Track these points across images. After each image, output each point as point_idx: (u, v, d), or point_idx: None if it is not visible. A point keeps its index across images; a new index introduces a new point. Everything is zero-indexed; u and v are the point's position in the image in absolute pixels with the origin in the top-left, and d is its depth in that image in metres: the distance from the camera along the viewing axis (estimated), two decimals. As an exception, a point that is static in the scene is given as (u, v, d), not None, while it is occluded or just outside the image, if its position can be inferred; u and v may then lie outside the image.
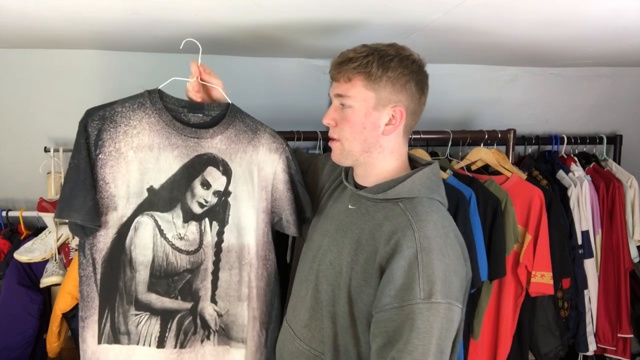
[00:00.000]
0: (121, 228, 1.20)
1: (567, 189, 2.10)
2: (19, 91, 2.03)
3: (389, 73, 1.08)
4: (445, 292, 0.97)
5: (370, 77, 1.08)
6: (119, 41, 1.79)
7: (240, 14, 1.36)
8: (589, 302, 2.15)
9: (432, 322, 0.95)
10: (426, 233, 1.01)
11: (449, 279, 0.99)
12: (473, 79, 2.31)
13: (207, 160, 1.24)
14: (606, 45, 1.78)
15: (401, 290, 0.97)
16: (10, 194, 2.17)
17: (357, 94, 1.09)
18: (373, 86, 1.08)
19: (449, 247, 1.03)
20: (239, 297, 1.29)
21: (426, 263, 0.98)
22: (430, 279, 0.97)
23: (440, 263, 0.99)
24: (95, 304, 1.21)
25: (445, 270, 0.99)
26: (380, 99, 1.09)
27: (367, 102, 1.09)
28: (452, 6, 1.28)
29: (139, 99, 1.22)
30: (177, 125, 1.21)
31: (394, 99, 1.09)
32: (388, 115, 1.11)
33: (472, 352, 1.90)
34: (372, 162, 1.15)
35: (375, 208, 1.12)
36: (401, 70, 1.08)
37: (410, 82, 1.10)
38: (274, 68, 2.14)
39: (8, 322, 1.94)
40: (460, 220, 1.69)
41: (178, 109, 1.25)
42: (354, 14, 1.37)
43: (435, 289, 0.96)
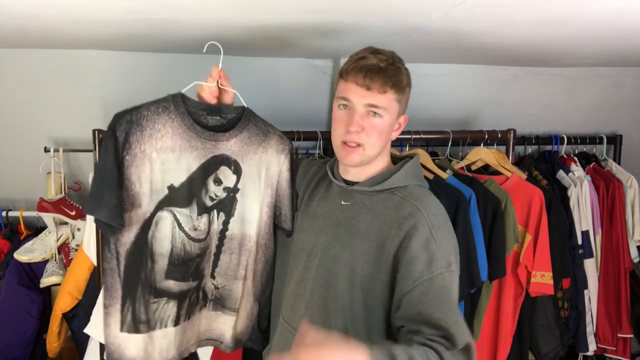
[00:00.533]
0: (144, 223, 1.29)
1: (567, 189, 2.10)
2: (19, 91, 2.03)
3: (408, 85, 1.21)
4: (456, 262, 1.13)
5: (400, 90, 1.17)
6: (119, 41, 1.79)
7: (240, 14, 1.36)
8: (589, 302, 2.15)
9: (456, 287, 1.10)
10: (432, 211, 1.15)
11: (456, 251, 1.14)
12: (473, 79, 2.31)
13: (222, 160, 1.35)
14: (606, 45, 1.78)
15: (427, 264, 1.08)
16: (10, 194, 2.17)
17: (389, 105, 1.17)
18: (399, 98, 1.19)
19: (448, 221, 1.18)
20: (236, 277, 1.45)
21: (440, 237, 1.11)
22: (446, 250, 1.11)
23: (450, 235, 1.15)
24: (119, 294, 1.30)
25: (453, 242, 1.15)
26: (400, 109, 1.21)
27: (395, 113, 1.20)
28: (452, 6, 1.28)
29: (164, 103, 1.29)
30: (197, 128, 1.30)
31: (405, 108, 1.23)
32: (398, 122, 1.24)
33: (472, 352, 1.90)
34: (375, 161, 1.24)
35: (371, 200, 1.20)
36: (410, 81, 1.22)
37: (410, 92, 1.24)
38: (274, 68, 2.14)
39: (8, 322, 1.94)
40: (460, 220, 1.69)
41: (198, 112, 1.33)
42: (354, 14, 1.37)
43: (451, 259, 1.10)
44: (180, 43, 1.81)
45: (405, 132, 1.90)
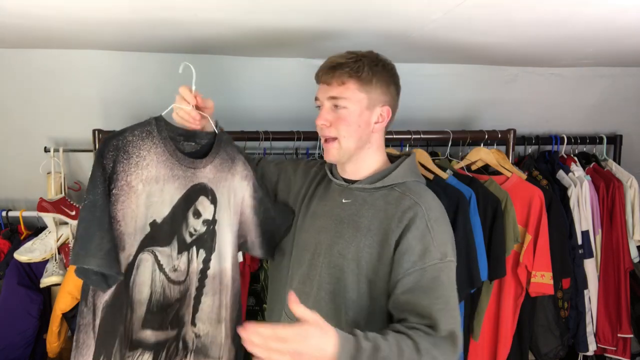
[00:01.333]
0: (127, 268, 1.15)
1: (567, 189, 2.10)
2: (19, 91, 2.03)
3: (377, 76, 1.21)
4: (453, 252, 1.17)
5: (362, 80, 1.20)
6: (119, 41, 1.79)
7: (240, 14, 1.36)
8: (589, 302, 2.15)
9: (451, 276, 1.14)
10: (429, 205, 1.19)
11: (451, 242, 1.19)
12: (473, 79, 2.31)
13: (200, 189, 1.25)
14: (606, 45, 1.78)
15: (421, 254, 1.13)
16: (10, 194, 2.17)
17: (351, 95, 1.21)
18: (365, 88, 1.21)
19: (445, 215, 1.22)
20: (219, 320, 1.32)
21: (436, 230, 1.15)
22: (442, 242, 1.15)
23: (446, 227, 1.20)
24: (90, 352, 1.14)
25: (450, 234, 1.20)
26: (372, 99, 1.22)
27: (361, 102, 1.22)
28: (452, 6, 1.28)
29: (147, 127, 1.20)
30: (179, 155, 1.21)
31: (382, 99, 1.24)
32: (377, 114, 1.24)
33: (472, 352, 1.90)
34: (363, 157, 1.27)
35: (372, 197, 1.24)
36: (386, 74, 1.23)
37: (391, 84, 1.25)
38: (274, 68, 2.14)
39: (8, 322, 1.94)
40: (460, 220, 1.69)
41: (176, 137, 1.24)
42: (355, 14, 1.37)
43: (447, 250, 1.15)
44: (180, 43, 1.81)
45: (405, 132, 1.91)
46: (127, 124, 2.04)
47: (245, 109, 2.18)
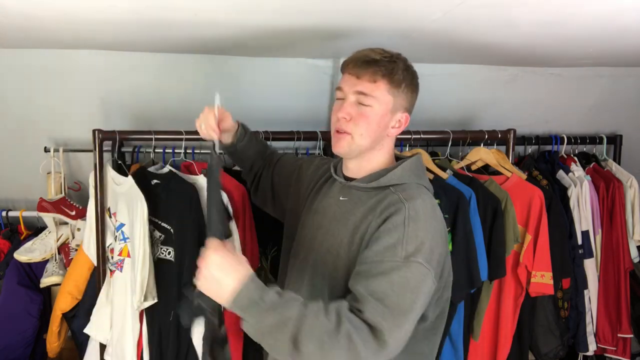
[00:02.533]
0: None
1: (567, 189, 2.10)
2: (19, 91, 2.03)
3: (407, 82, 1.19)
4: (425, 257, 1.06)
5: (393, 82, 1.17)
6: (119, 41, 1.79)
7: (240, 14, 1.36)
8: (589, 302, 2.15)
9: (409, 278, 1.04)
10: (415, 206, 1.11)
11: (430, 248, 1.07)
12: (473, 79, 2.31)
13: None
14: (606, 45, 1.78)
15: (385, 249, 1.07)
16: (10, 194, 2.17)
17: (380, 95, 1.17)
18: (394, 91, 1.18)
19: (434, 222, 1.12)
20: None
21: (412, 229, 1.07)
22: (414, 242, 1.06)
23: (426, 232, 1.08)
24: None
25: (430, 239, 1.08)
26: (396, 104, 1.19)
27: (387, 105, 1.18)
28: (452, 6, 1.28)
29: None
30: None
31: (405, 105, 1.21)
32: (397, 119, 1.21)
33: (472, 352, 1.90)
34: (370, 157, 1.24)
35: (367, 196, 1.20)
36: (414, 81, 1.21)
37: (415, 92, 1.23)
38: (274, 68, 2.14)
39: (8, 322, 1.94)
40: (460, 220, 1.69)
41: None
42: (355, 14, 1.37)
43: (417, 251, 1.05)
44: (180, 43, 1.81)
45: (405, 132, 1.90)
46: (127, 124, 2.06)
47: (245, 109, 2.17)
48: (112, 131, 1.76)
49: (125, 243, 1.74)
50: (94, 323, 1.80)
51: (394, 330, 1.00)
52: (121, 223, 1.75)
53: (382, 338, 0.98)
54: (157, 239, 1.75)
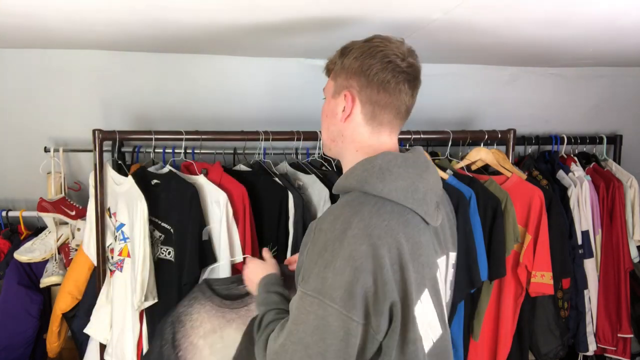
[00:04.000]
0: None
1: (567, 189, 2.10)
2: (19, 91, 2.03)
3: (344, 60, 1.09)
4: (315, 287, 0.92)
5: (334, 66, 1.14)
6: (119, 41, 1.79)
7: (240, 14, 1.36)
8: (589, 302, 2.15)
9: (298, 307, 0.94)
10: (322, 226, 0.96)
11: (324, 276, 0.92)
12: (473, 79, 2.31)
13: None
14: (606, 45, 1.78)
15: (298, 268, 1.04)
16: (10, 194, 2.17)
17: (327, 87, 1.18)
18: (334, 75, 1.13)
19: (337, 244, 0.92)
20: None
21: (310, 254, 0.96)
22: (308, 269, 0.95)
23: (319, 258, 0.93)
24: None
25: (322, 265, 0.92)
26: (337, 86, 1.12)
27: (329, 90, 1.15)
28: (452, 6, 1.28)
29: (193, 294, 1.46)
30: (226, 303, 1.45)
31: (346, 84, 1.09)
32: (342, 102, 1.10)
33: (472, 352, 1.90)
34: (340, 152, 1.14)
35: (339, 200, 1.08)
36: (355, 56, 1.07)
37: (362, 67, 1.06)
38: (274, 68, 2.14)
39: (8, 322, 1.94)
40: (460, 220, 1.69)
41: (228, 286, 1.47)
42: (354, 14, 1.37)
43: (308, 280, 0.94)
44: (180, 43, 1.81)
45: (405, 132, 1.91)
46: (127, 124, 2.07)
47: (245, 109, 2.18)
48: (112, 131, 1.76)
49: (125, 243, 1.74)
50: (94, 323, 1.80)
51: (274, 350, 0.96)
52: (121, 223, 1.75)
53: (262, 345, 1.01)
54: (157, 239, 1.75)
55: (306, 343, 0.91)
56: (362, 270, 0.91)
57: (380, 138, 1.09)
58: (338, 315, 0.90)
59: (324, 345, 0.91)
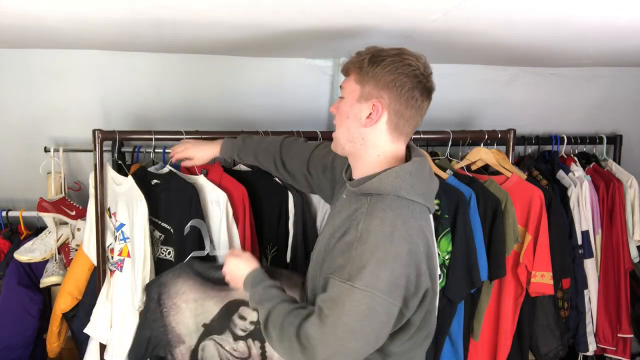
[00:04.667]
0: (192, 353, 1.61)
1: (567, 189, 2.10)
2: (19, 91, 2.03)
3: (376, 70, 1.15)
4: (367, 281, 1.05)
5: (360, 71, 1.16)
6: (119, 41, 1.79)
7: (240, 14, 1.36)
8: (589, 302, 2.15)
9: (347, 301, 1.05)
10: (369, 227, 1.09)
11: (376, 272, 1.05)
12: (473, 79, 2.31)
13: (239, 303, 1.61)
14: (606, 45, 1.78)
15: (337, 266, 1.10)
16: (10, 194, 2.17)
17: (348, 86, 1.20)
18: (361, 80, 1.17)
19: (388, 244, 1.07)
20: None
21: (359, 252, 1.07)
22: (358, 266, 1.06)
23: (371, 256, 1.06)
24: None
25: (375, 263, 1.05)
26: (364, 92, 1.16)
27: (354, 93, 1.18)
28: (452, 6, 1.28)
29: (178, 270, 1.63)
30: (208, 284, 1.61)
31: (376, 94, 1.15)
32: (368, 109, 1.16)
33: (472, 352, 1.90)
34: (356, 153, 1.22)
35: (355, 200, 1.19)
36: (389, 70, 1.14)
37: (396, 82, 1.14)
38: (274, 68, 2.14)
39: (8, 322, 1.94)
40: (460, 220, 1.69)
41: (208, 269, 1.62)
42: (354, 14, 1.37)
43: (359, 276, 1.05)
44: (180, 43, 1.81)
45: (405, 132, 1.90)
46: (127, 124, 2.07)
47: (245, 109, 2.18)
48: (112, 131, 1.76)
49: (125, 243, 1.74)
50: (94, 323, 1.80)
51: (322, 346, 1.07)
52: (121, 223, 1.75)
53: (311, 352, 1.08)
54: (157, 239, 1.75)
55: (354, 329, 1.06)
56: (406, 266, 1.08)
57: (398, 146, 1.21)
58: (386, 304, 1.06)
59: (369, 328, 1.07)
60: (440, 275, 1.69)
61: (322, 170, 1.49)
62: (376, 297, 1.05)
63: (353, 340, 1.07)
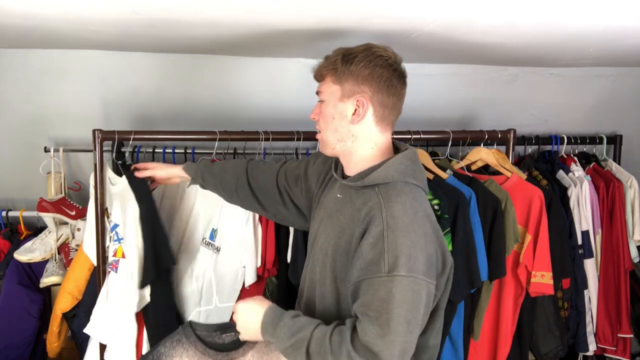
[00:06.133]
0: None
1: (567, 189, 2.10)
2: (19, 91, 2.03)
3: (351, 67, 1.18)
4: (409, 266, 1.06)
5: (336, 72, 1.20)
6: (119, 41, 1.79)
7: (240, 14, 1.36)
8: (589, 302, 2.15)
9: (395, 293, 1.05)
10: (393, 213, 1.11)
11: (414, 255, 1.08)
12: (473, 79, 2.31)
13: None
14: (606, 45, 1.78)
15: (369, 264, 1.09)
16: (10, 194, 2.17)
17: (326, 88, 1.23)
18: (339, 80, 1.20)
19: (416, 225, 1.11)
20: None
21: (391, 240, 1.08)
22: (395, 254, 1.07)
23: (405, 239, 1.08)
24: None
25: (410, 246, 1.08)
26: (345, 91, 1.20)
27: (334, 94, 1.21)
28: (452, 6, 1.28)
29: (176, 336, 1.40)
30: (210, 352, 1.38)
31: (357, 90, 1.19)
32: (353, 105, 1.20)
33: (472, 352, 1.90)
34: (348, 151, 1.24)
35: (356, 195, 1.21)
36: (364, 64, 1.18)
37: (373, 74, 1.18)
38: (274, 68, 2.14)
39: (8, 322, 1.94)
40: (460, 220, 1.69)
41: (211, 334, 1.40)
42: (354, 14, 1.37)
43: (399, 263, 1.06)
44: (180, 43, 1.81)
45: (405, 132, 1.91)
46: (127, 124, 2.07)
47: (245, 109, 2.18)
48: (112, 131, 1.76)
49: (119, 243, 1.73)
50: (93, 323, 1.80)
51: (389, 348, 1.04)
52: (115, 224, 1.74)
53: (378, 357, 1.04)
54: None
55: (410, 319, 1.06)
56: (433, 243, 1.13)
57: (387, 136, 1.25)
58: (426, 285, 1.09)
59: (418, 314, 1.09)
60: None
61: (294, 181, 1.49)
62: (419, 280, 1.07)
63: (413, 331, 1.08)
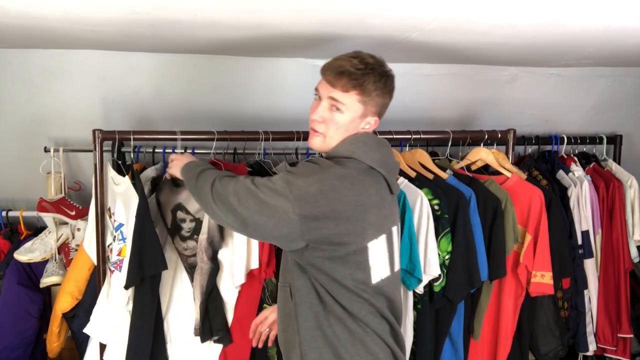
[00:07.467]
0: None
1: (567, 189, 2.10)
2: (19, 91, 2.03)
3: (378, 92, 1.27)
4: (287, 179, 1.22)
5: (364, 92, 1.26)
6: (119, 41, 1.79)
7: (240, 14, 1.36)
8: (589, 302, 2.15)
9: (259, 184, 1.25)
10: (295, 170, 1.26)
11: (294, 181, 1.22)
12: (473, 79, 2.31)
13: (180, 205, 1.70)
14: (606, 45, 1.78)
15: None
16: (10, 194, 2.17)
17: (350, 104, 1.27)
18: (364, 100, 1.27)
19: (311, 176, 1.23)
20: None
21: (285, 175, 1.25)
22: (286, 177, 1.24)
23: (307, 179, 1.22)
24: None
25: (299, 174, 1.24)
26: (366, 110, 1.29)
27: (357, 112, 1.28)
28: (452, 6, 1.28)
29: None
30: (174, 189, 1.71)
31: (375, 111, 1.31)
32: (366, 123, 1.32)
33: (472, 352, 1.90)
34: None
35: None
36: (387, 90, 1.30)
37: (387, 98, 1.32)
38: (274, 68, 2.14)
39: (8, 322, 1.94)
40: (460, 220, 1.69)
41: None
42: (354, 14, 1.37)
43: (285, 180, 1.22)
44: (180, 43, 1.81)
45: (405, 132, 1.91)
46: (127, 124, 2.07)
47: (245, 109, 2.18)
48: (112, 131, 1.76)
49: (124, 243, 1.73)
50: (93, 323, 1.80)
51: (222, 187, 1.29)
52: (120, 223, 1.74)
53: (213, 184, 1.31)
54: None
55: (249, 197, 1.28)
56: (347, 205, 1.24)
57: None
58: (284, 201, 1.21)
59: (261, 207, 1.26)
60: (440, 276, 1.69)
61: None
62: (285, 192, 1.21)
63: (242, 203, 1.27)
